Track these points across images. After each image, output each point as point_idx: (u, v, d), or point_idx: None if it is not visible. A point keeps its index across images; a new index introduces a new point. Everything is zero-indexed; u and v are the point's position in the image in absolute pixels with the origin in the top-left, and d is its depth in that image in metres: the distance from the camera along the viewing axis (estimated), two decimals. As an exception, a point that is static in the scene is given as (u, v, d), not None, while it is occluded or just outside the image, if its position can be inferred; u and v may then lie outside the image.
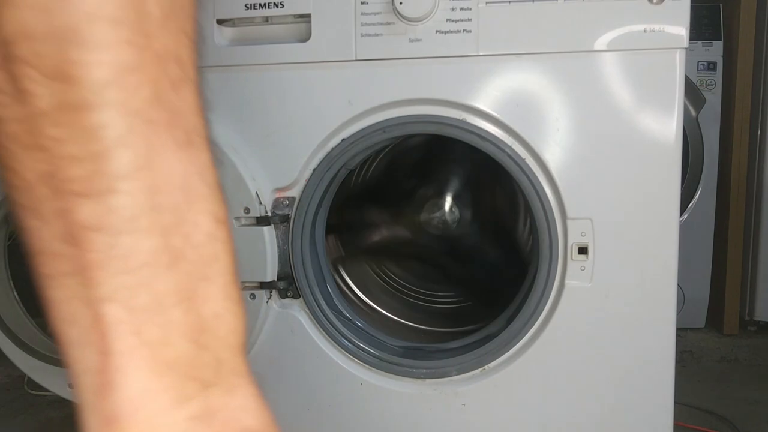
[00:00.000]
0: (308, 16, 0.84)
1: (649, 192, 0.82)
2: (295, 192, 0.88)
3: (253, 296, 0.85)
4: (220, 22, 0.88)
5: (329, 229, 0.99)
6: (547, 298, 0.85)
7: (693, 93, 1.77)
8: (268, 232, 0.84)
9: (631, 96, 0.81)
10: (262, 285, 0.85)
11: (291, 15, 0.85)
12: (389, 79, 0.84)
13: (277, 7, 0.85)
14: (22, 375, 1.61)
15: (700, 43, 1.78)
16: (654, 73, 0.81)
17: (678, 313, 1.83)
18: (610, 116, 0.81)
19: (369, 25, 0.83)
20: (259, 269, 0.84)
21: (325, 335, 0.91)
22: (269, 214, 0.85)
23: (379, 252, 1.23)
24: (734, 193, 1.81)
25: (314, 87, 0.86)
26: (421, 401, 0.90)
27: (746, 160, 1.80)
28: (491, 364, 0.88)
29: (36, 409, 1.49)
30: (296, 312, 0.91)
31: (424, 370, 0.90)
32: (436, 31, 0.82)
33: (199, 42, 0.27)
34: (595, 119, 0.82)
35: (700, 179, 1.81)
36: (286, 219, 0.86)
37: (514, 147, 0.83)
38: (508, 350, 0.87)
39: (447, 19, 0.81)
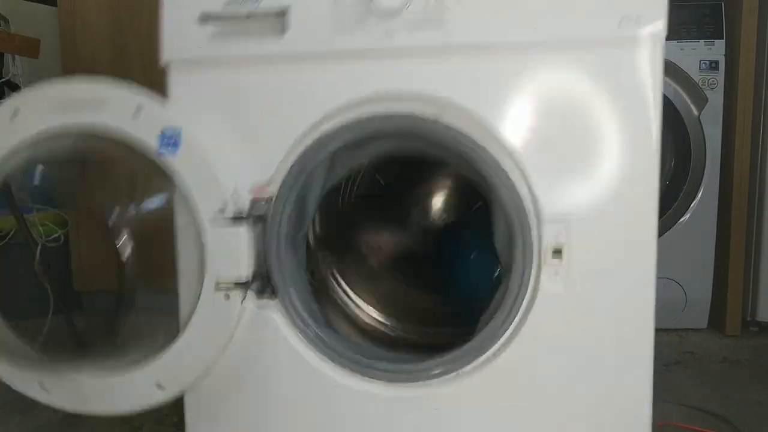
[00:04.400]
0: (285, 10, 0.84)
1: (627, 193, 0.79)
2: (272, 191, 0.87)
3: (227, 296, 0.84)
4: (202, 15, 0.87)
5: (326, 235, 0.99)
6: (521, 303, 0.82)
7: (695, 92, 1.76)
8: (244, 232, 0.83)
9: (606, 90, 0.78)
10: (237, 285, 0.84)
11: (268, 9, 0.84)
12: (364, 74, 0.83)
13: (255, 1, 0.84)
14: (21, 376, 1.61)
15: (702, 41, 1.77)
16: (631, 65, 0.78)
17: (680, 313, 1.85)
18: (584, 112, 0.79)
19: (346, 18, 0.82)
20: (234, 269, 0.83)
21: (301, 336, 0.90)
22: (245, 213, 0.84)
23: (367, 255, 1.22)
24: (736, 193, 1.80)
25: (291, 83, 0.85)
26: (395, 405, 0.88)
27: (749, 159, 1.79)
28: (466, 369, 0.86)
29: (35, 410, 1.49)
30: (272, 312, 0.90)
31: (398, 374, 0.88)
32: (412, 23, 0.80)
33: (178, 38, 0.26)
34: (569, 115, 0.79)
35: (702, 179, 1.80)
36: (262, 219, 0.85)
37: (488, 144, 0.81)
38: (483, 355, 0.84)
39: (422, 10, 0.80)
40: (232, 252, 0.83)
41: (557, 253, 0.80)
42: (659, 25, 0.76)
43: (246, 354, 0.91)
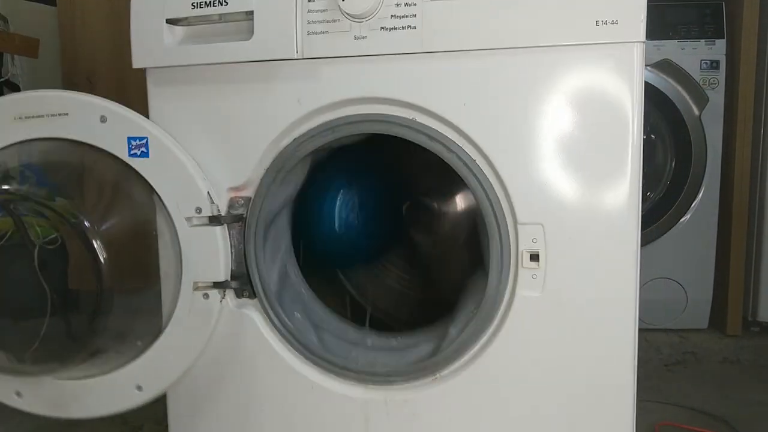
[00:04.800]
0: (251, 13, 0.83)
1: (604, 197, 0.77)
2: (250, 192, 0.87)
3: (206, 296, 0.85)
4: (170, 21, 0.87)
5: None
6: (498, 308, 0.81)
7: (696, 92, 1.76)
8: (221, 232, 0.84)
9: (583, 95, 0.77)
10: (216, 285, 0.84)
11: (235, 13, 0.84)
12: (336, 78, 0.83)
13: (221, 4, 0.84)
14: (20, 376, 1.60)
15: (703, 41, 1.77)
16: (608, 70, 0.76)
17: (680, 313, 1.84)
18: (560, 116, 0.77)
19: (315, 22, 0.81)
20: (212, 269, 0.84)
21: (279, 336, 0.90)
22: (222, 213, 0.85)
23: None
24: (737, 192, 1.80)
25: (263, 86, 0.85)
26: (372, 408, 0.88)
27: (749, 159, 1.79)
28: (443, 373, 0.85)
29: (34, 411, 1.48)
30: (251, 312, 0.90)
31: (376, 377, 0.87)
32: (381, 28, 0.79)
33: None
34: (544, 119, 0.78)
35: (702, 179, 1.80)
36: (240, 219, 0.86)
37: (464, 148, 0.80)
38: (460, 359, 0.84)
39: (392, 15, 0.79)
40: (209, 252, 0.83)
41: (534, 256, 0.79)
42: (637, 30, 0.74)
43: (227, 353, 0.91)
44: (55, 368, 0.87)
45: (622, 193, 0.77)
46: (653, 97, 1.78)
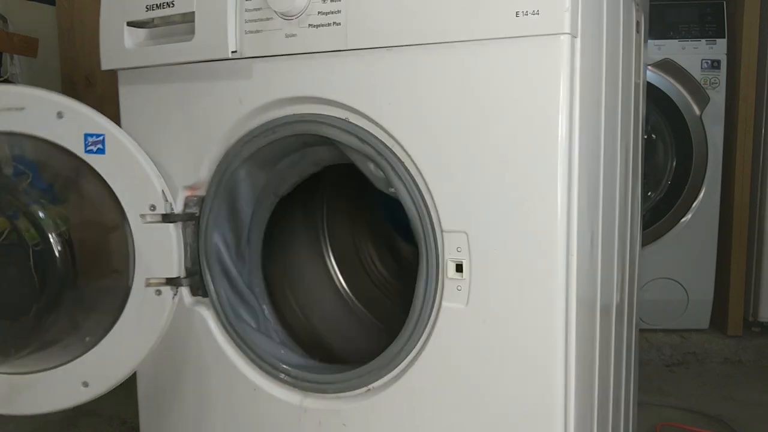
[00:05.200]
0: (192, 14, 0.83)
1: (529, 204, 0.71)
2: (203, 191, 0.89)
3: (158, 292, 0.84)
4: (130, 24, 0.89)
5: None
6: (426, 320, 0.77)
7: (697, 91, 1.76)
8: (175, 229, 0.85)
9: (506, 94, 0.70)
10: (169, 281, 0.85)
11: (180, 14, 0.85)
12: (271, 77, 0.82)
13: (168, 6, 0.85)
14: (19, 376, 1.60)
15: (704, 41, 1.76)
16: (529, 66, 0.69)
17: (682, 314, 1.84)
18: (483, 118, 0.71)
19: (250, 21, 0.81)
20: (165, 265, 0.84)
21: (227, 336, 0.89)
22: (176, 211, 0.86)
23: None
24: (738, 192, 1.79)
25: (209, 86, 0.86)
26: (306, 416, 0.86)
27: (750, 158, 1.79)
28: (375, 384, 0.81)
29: (33, 411, 1.48)
30: (203, 310, 0.90)
31: (311, 384, 0.85)
32: (309, 25, 0.77)
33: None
34: (467, 121, 0.72)
35: (704, 178, 1.80)
36: (194, 217, 0.87)
37: (394, 150, 0.76)
38: (392, 371, 0.80)
39: (318, 12, 0.77)
40: (162, 249, 0.84)
41: (459, 266, 0.74)
42: (560, 21, 0.67)
43: (183, 351, 0.92)
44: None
45: (546, 200, 0.70)
46: (654, 97, 1.77)
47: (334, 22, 0.76)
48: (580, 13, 0.69)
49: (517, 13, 0.68)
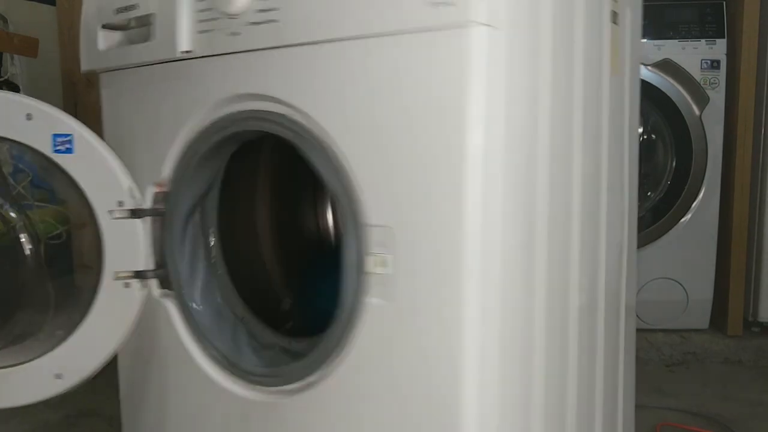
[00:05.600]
0: (152, 15, 0.86)
1: (443, 201, 0.69)
2: (168, 187, 0.91)
3: (127, 285, 0.88)
4: (105, 26, 0.92)
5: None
6: (354, 315, 0.76)
7: (696, 91, 1.76)
8: (142, 224, 0.88)
9: (422, 88, 0.68)
10: (137, 274, 0.88)
11: (142, 16, 0.87)
12: (220, 76, 0.83)
13: (133, 9, 0.88)
14: (19, 376, 1.60)
15: (703, 41, 1.77)
16: (443, 58, 0.66)
17: (682, 314, 1.84)
18: (406, 112, 0.70)
19: (202, 21, 0.83)
20: (132, 259, 0.88)
21: (186, 327, 0.92)
22: (144, 207, 0.89)
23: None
24: (738, 192, 1.80)
25: (168, 86, 0.89)
26: (251, 408, 0.87)
27: (750, 159, 1.79)
28: (311, 379, 0.81)
29: (33, 410, 1.48)
30: (168, 302, 0.93)
31: (256, 377, 0.87)
32: (251, 23, 0.78)
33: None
34: (389, 115, 0.71)
35: (703, 179, 1.80)
36: (161, 212, 0.90)
37: (328, 144, 0.76)
38: (326, 366, 0.80)
39: (258, 10, 0.78)
40: (130, 243, 0.87)
41: (383, 261, 0.74)
42: (474, 10, 0.63)
43: (152, 341, 0.96)
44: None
45: (457, 200, 0.68)
46: (654, 97, 1.77)
47: (271, 19, 0.77)
48: (505, 3, 0.66)
49: (433, 4, 0.65)
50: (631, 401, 1.11)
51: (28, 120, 0.85)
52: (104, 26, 0.93)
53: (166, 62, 0.87)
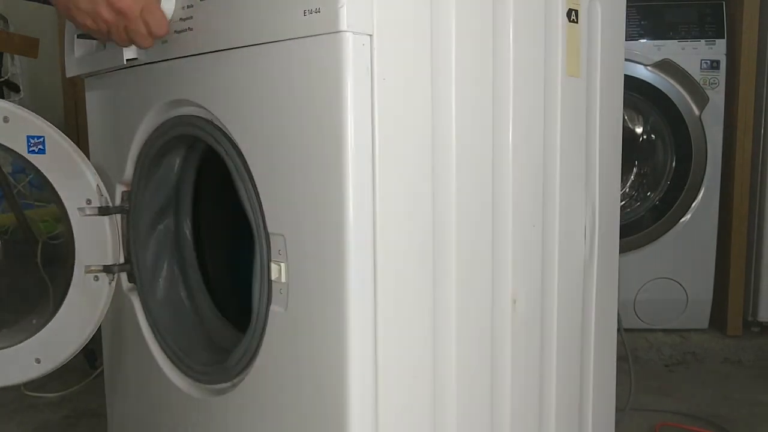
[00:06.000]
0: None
1: (326, 207, 0.69)
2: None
3: (96, 278, 0.93)
4: (78, 36, 0.97)
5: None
6: (261, 322, 0.77)
7: (696, 91, 1.76)
8: (109, 221, 0.94)
9: (303, 95, 0.69)
10: (105, 268, 0.93)
11: None
12: (154, 82, 0.88)
13: None
14: (20, 376, 1.61)
15: (703, 41, 1.77)
16: (317, 66, 0.67)
17: (681, 314, 1.85)
18: (289, 119, 0.71)
19: None
20: (101, 254, 0.94)
21: (144, 319, 0.96)
22: (111, 204, 0.95)
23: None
24: (738, 192, 1.80)
25: (126, 90, 0.95)
26: (190, 404, 0.90)
27: (750, 159, 1.79)
28: (235, 381, 0.82)
29: (33, 411, 1.49)
30: (134, 296, 0.98)
31: (195, 374, 0.90)
32: (175, 32, 0.81)
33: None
34: (281, 123, 0.72)
35: (703, 179, 1.80)
36: (126, 210, 0.96)
37: (238, 151, 0.78)
38: (248, 368, 0.81)
39: (179, 19, 0.80)
40: (99, 239, 0.93)
41: (278, 271, 0.75)
42: (337, 18, 0.64)
43: (121, 334, 1.02)
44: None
45: (339, 208, 0.67)
46: (653, 97, 1.78)
47: (188, 28, 0.79)
48: (376, 9, 0.66)
49: (304, 12, 0.66)
50: (607, 415, 1.05)
51: (5, 122, 0.90)
52: (79, 36, 0.98)
53: (122, 69, 0.92)
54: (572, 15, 0.89)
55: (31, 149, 0.91)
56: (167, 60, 0.84)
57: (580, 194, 0.94)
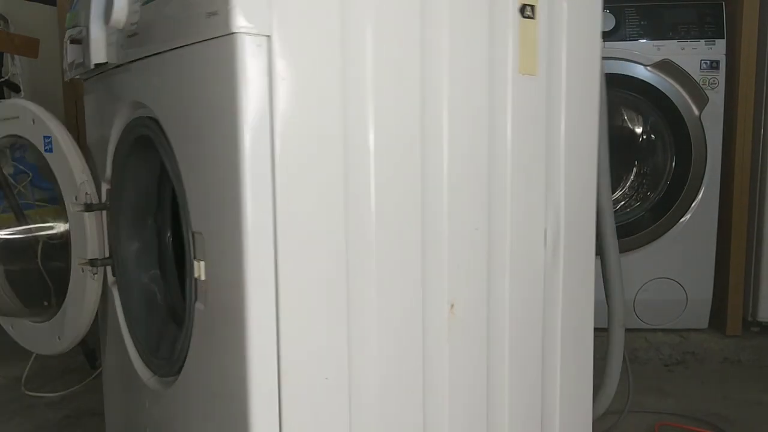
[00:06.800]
0: (83, 29, 0.93)
1: (230, 206, 0.69)
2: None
3: (84, 271, 0.99)
4: (71, 42, 1.00)
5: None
6: (190, 318, 0.78)
7: (696, 92, 1.76)
8: (92, 216, 0.98)
9: (211, 96, 0.70)
10: (90, 261, 0.98)
11: (82, 31, 0.94)
12: (123, 83, 0.91)
13: (77, 27, 0.97)
14: (20, 376, 1.61)
15: (703, 41, 1.77)
16: (217, 68, 0.68)
17: (681, 314, 1.85)
18: (206, 119, 0.71)
19: (110, 34, 0.89)
20: (87, 248, 0.99)
21: (121, 311, 1.00)
22: (94, 201, 0.99)
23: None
24: (737, 192, 1.80)
25: (104, 91, 0.99)
26: (148, 395, 0.93)
27: (749, 159, 1.79)
28: (180, 374, 0.84)
29: (33, 411, 1.49)
30: (115, 290, 1.02)
31: (153, 366, 0.93)
32: (128, 36, 0.83)
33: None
34: (200, 122, 0.73)
35: (702, 179, 1.80)
36: (106, 207, 1.00)
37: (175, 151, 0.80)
38: (185, 363, 0.82)
39: (131, 23, 0.82)
40: (85, 233, 0.98)
41: (199, 269, 0.75)
42: (229, 19, 0.64)
43: (106, 324, 1.06)
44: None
45: (237, 207, 0.67)
46: (653, 97, 1.78)
47: (135, 32, 0.82)
48: (275, 9, 0.66)
49: (207, 15, 0.67)
50: (581, 426, 1.00)
51: (33, 124, 0.99)
52: (72, 41, 1.00)
53: (101, 72, 0.95)
54: (527, 10, 0.86)
55: (46, 148, 0.98)
56: (125, 64, 0.87)
57: (538, 197, 0.90)
